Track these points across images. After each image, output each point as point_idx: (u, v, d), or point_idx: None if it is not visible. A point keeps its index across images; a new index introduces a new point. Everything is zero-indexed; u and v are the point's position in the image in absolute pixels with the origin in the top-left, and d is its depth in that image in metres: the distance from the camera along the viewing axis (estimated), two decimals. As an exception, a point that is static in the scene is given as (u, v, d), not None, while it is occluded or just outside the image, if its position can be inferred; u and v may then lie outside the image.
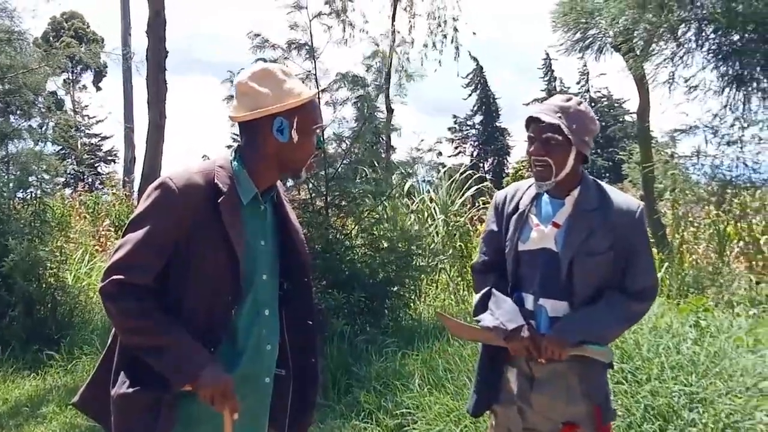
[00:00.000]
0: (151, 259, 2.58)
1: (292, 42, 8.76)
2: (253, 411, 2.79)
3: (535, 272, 3.36)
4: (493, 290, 3.47)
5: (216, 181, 2.63)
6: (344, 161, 8.92)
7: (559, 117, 3.25)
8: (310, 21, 8.72)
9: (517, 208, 3.45)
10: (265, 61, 8.12)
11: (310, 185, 8.72)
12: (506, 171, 49.35)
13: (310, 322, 2.95)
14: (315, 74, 8.74)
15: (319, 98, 8.62)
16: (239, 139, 2.80)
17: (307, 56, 8.75)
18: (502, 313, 3.36)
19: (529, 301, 3.37)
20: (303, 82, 8.66)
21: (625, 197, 3.41)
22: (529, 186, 3.47)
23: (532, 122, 3.32)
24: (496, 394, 3.49)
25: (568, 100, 3.34)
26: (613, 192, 3.41)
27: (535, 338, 3.25)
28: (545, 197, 3.40)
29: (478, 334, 3.54)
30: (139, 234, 2.57)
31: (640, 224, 3.34)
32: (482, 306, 3.50)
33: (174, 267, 2.62)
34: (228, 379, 2.55)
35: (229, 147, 3.57)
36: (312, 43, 8.76)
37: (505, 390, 3.46)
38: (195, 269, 2.60)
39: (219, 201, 2.60)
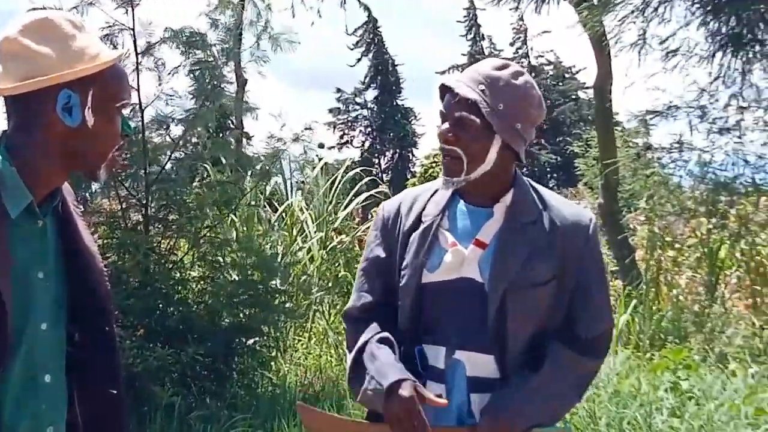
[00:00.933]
0: None
1: (97, -22, 8.63)
2: None
3: (450, 313, 3.22)
4: (371, 342, 3.31)
5: None
6: (174, 156, 8.86)
7: (482, 90, 3.09)
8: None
9: (419, 221, 3.30)
10: (45, 8, 7.97)
11: (122, 191, 8.59)
12: (412, 169, 49.85)
13: (114, 392, 2.83)
14: (132, 29, 8.63)
15: (138, 66, 8.55)
16: (6, 121, 2.62)
17: (122, 2, 8.66)
18: (376, 367, 3.20)
19: (438, 355, 3.22)
20: (110, 40, 8.59)
21: (572, 207, 3.37)
22: (437, 189, 3.36)
23: (446, 92, 3.21)
24: None
25: (503, 67, 3.19)
26: (557, 199, 3.35)
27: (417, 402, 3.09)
28: (461, 205, 3.28)
29: (352, 428, 3.46)
30: None
31: (594, 246, 3.30)
32: (357, 369, 3.32)
33: None
34: None
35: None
36: (128, -19, 8.65)
37: None
38: None
39: None
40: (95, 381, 2.79)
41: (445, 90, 3.21)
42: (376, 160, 58.97)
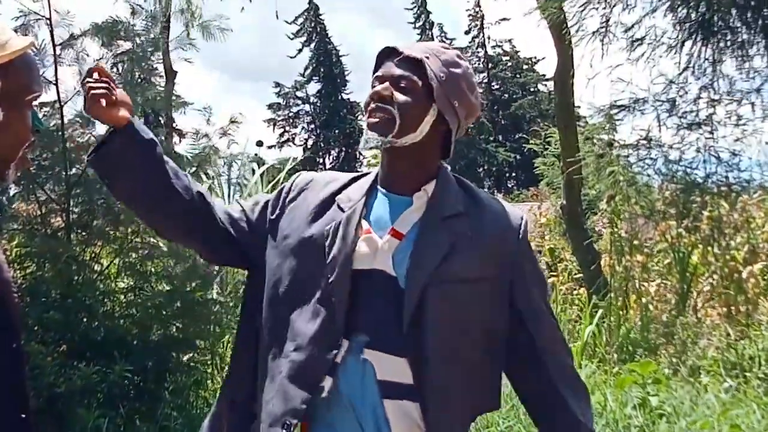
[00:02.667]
0: None
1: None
2: None
3: (360, 308, 3.12)
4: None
5: None
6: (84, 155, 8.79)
7: (427, 57, 3.13)
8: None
9: (331, 199, 3.26)
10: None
11: (41, 195, 8.54)
12: (359, 169, 49.98)
13: (23, 416, 2.81)
14: (49, 18, 8.57)
15: (56, 59, 8.49)
16: None
17: (35, -12, 8.60)
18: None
19: (340, 350, 3.11)
20: (25, 31, 8.52)
21: (503, 205, 3.34)
22: (360, 176, 3.36)
23: (384, 57, 3.22)
24: None
25: (448, 48, 3.26)
26: (486, 197, 3.33)
27: None
28: (380, 192, 3.24)
29: None
30: None
31: (528, 249, 3.33)
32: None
33: None
34: None
35: None
36: (43, -35, 8.60)
37: None
38: None
39: None
40: (1, 405, 2.70)
41: (386, 55, 3.21)
42: (321, 159, 59.03)
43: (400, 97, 3.06)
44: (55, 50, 8.34)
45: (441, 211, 3.13)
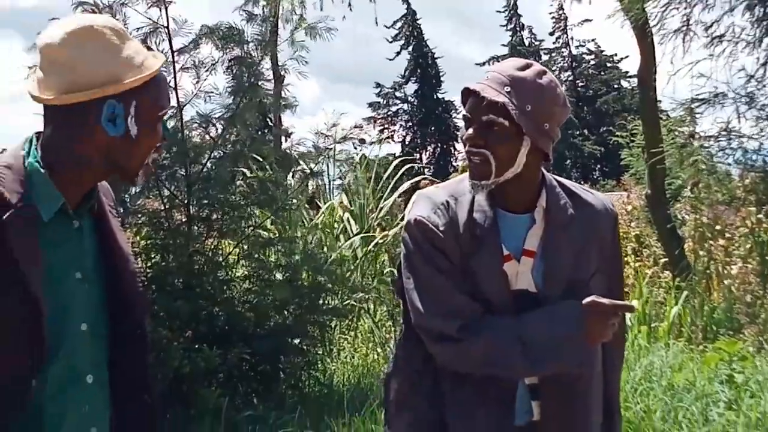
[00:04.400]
0: None
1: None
2: None
3: None
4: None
5: None
6: (214, 154, 8.88)
7: (508, 92, 3.07)
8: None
9: (472, 236, 3.19)
10: (86, 10, 7.97)
11: (165, 191, 8.60)
12: (453, 163, 49.77)
13: (147, 398, 2.88)
14: (167, 27, 8.65)
15: (174, 65, 8.57)
16: (45, 126, 2.62)
17: (155, 1, 8.68)
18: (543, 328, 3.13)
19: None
20: (146, 39, 8.61)
21: (596, 196, 3.42)
22: (472, 201, 3.26)
23: (469, 96, 3.18)
24: None
25: (526, 67, 3.17)
26: (581, 190, 3.39)
27: None
28: (503, 216, 3.21)
29: None
30: None
31: (617, 235, 3.43)
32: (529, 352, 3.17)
33: None
34: None
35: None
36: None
37: None
38: None
39: (3, 218, 2.43)
40: (129, 385, 2.83)
41: (468, 93, 3.18)
42: (418, 155, 58.93)
43: (490, 140, 3.06)
44: (173, 57, 8.42)
45: (558, 221, 3.19)
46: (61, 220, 2.57)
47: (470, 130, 3.12)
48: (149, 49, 6.21)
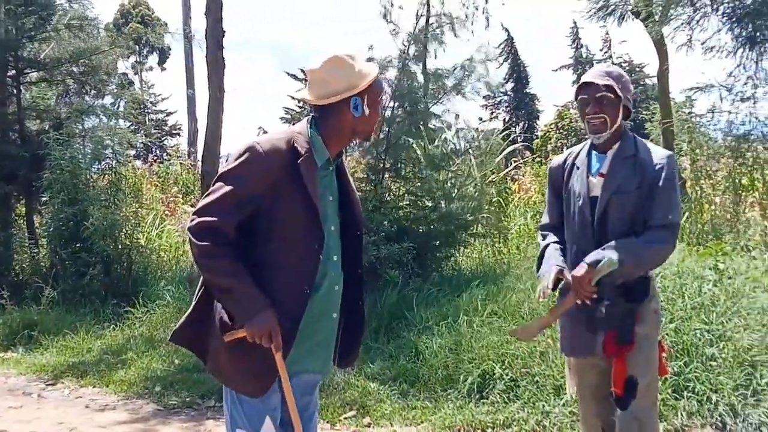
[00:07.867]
0: (233, 209, 2.74)
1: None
2: (326, 342, 3.00)
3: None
4: (549, 245, 3.65)
5: (296, 145, 2.82)
6: (390, 129, 8.95)
7: (608, 79, 3.44)
8: None
9: (576, 166, 3.61)
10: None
11: (373, 152, 9.10)
12: (536, 134, 48.89)
13: (360, 271, 3.10)
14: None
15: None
16: (315, 113, 2.95)
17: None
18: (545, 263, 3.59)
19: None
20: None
21: (658, 148, 3.56)
22: (581, 150, 3.65)
23: (585, 86, 3.48)
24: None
25: (609, 66, 3.54)
26: (649, 144, 3.55)
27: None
28: (594, 154, 3.57)
29: (546, 320, 3.68)
30: (226, 188, 2.74)
31: (668, 167, 3.42)
32: (539, 260, 3.69)
33: (260, 223, 2.79)
34: (272, 326, 2.71)
35: (291, 118, 3.55)
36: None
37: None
38: (281, 223, 2.78)
39: (299, 162, 2.78)
40: (349, 262, 3.05)
41: (584, 85, 3.49)
42: (513, 129, 58.24)
43: (604, 107, 3.44)
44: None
45: (622, 155, 3.50)
46: (325, 165, 2.91)
47: (591, 104, 3.45)
48: (370, 60, 6.45)
